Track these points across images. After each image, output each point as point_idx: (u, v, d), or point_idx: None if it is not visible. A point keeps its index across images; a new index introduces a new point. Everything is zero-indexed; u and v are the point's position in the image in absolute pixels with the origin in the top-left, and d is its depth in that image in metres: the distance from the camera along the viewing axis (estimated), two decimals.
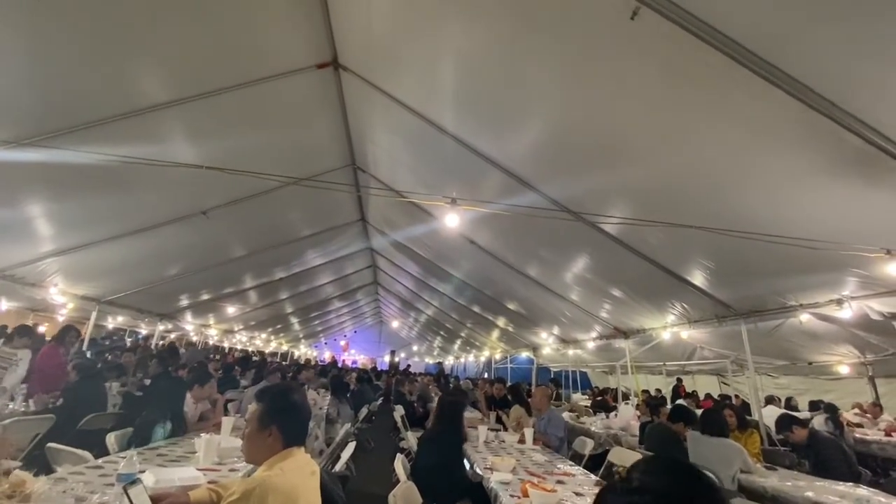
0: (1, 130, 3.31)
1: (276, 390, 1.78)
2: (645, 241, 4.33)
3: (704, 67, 2.38)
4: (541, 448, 4.24)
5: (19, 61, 2.97)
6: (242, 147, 4.62)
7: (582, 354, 10.09)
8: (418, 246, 8.24)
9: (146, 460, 2.69)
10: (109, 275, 6.72)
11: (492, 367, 15.70)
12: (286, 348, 20.75)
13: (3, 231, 4.79)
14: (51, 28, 2.82)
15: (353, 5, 3.38)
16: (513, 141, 3.96)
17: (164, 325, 10.29)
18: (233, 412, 4.74)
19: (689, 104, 2.73)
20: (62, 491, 1.92)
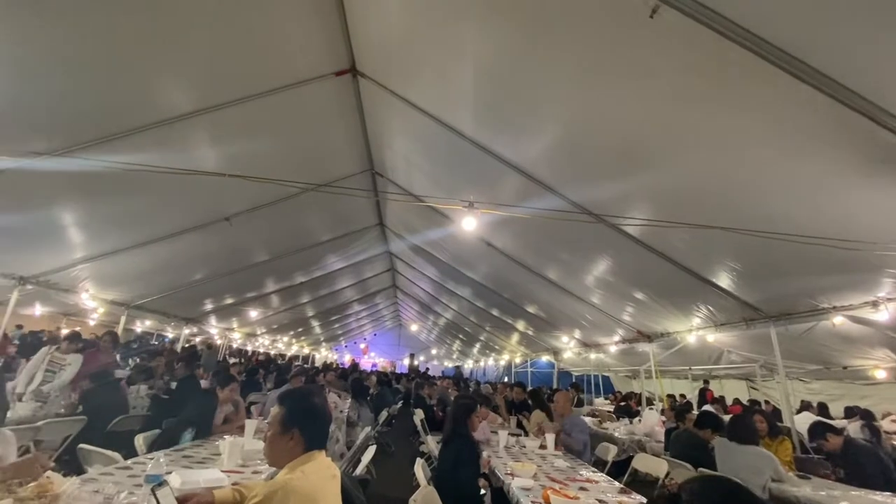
0: (36, 142, 3.46)
1: (297, 394, 1.79)
2: (668, 242, 4.23)
3: (727, 64, 2.32)
4: (563, 454, 4.17)
5: (52, 77, 3.10)
6: (264, 154, 4.72)
7: (604, 358, 9.93)
8: (436, 249, 8.26)
9: (173, 462, 2.75)
10: (137, 280, 6.95)
11: (512, 371, 15.58)
12: (307, 351, 21.03)
13: (38, 238, 5.01)
14: (83, 45, 2.94)
15: (370, 13, 3.42)
16: (531, 143, 3.94)
17: (190, 328, 10.56)
18: (256, 415, 4.82)
19: (712, 103, 2.66)
20: (93, 491, 1.97)
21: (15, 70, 2.96)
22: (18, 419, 3.87)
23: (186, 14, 2.98)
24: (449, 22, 3.07)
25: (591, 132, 3.46)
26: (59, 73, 3.09)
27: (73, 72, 3.12)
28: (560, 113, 3.45)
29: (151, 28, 2.99)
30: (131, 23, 2.91)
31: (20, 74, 3.00)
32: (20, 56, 2.89)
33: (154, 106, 3.62)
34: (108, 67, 3.18)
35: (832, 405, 7.72)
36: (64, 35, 2.84)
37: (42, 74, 3.06)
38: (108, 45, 3.01)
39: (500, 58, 3.18)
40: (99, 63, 3.12)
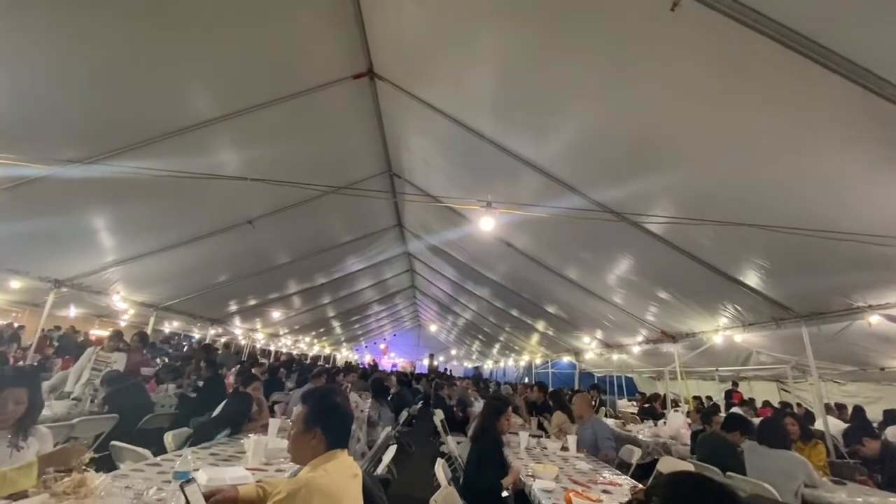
0: (69, 150, 3.61)
1: (319, 394, 1.81)
2: (693, 240, 4.12)
3: (752, 56, 2.24)
4: (585, 456, 4.11)
5: (84, 88, 3.23)
6: (284, 158, 4.81)
7: (627, 359, 9.74)
8: (454, 250, 8.25)
9: (199, 459, 2.82)
10: (165, 282, 7.17)
11: (532, 371, 15.44)
12: (329, 351, 21.32)
13: (72, 243, 5.23)
14: (112, 57, 3.05)
15: (387, 16, 3.44)
16: (550, 142, 3.90)
17: (215, 329, 10.84)
18: (279, 414, 4.90)
19: (737, 96, 2.58)
20: (125, 487, 2.04)
21: (51, 82, 3.10)
22: (54, 417, 4.04)
23: (208, 24, 3.06)
24: (465, 22, 3.07)
25: (612, 129, 3.41)
26: (89, 85, 3.22)
27: (103, 82, 3.24)
28: (580, 110, 3.41)
29: (175, 38, 3.08)
30: (157, 33, 3.00)
31: (57, 86, 3.14)
32: (56, 69, 3.02)
33: (179, 113, 3.73)
34: (136, 77, 3.29)
35: (869, 408, 7.38)
36: (94, 48, 2.96)
37: (75, 86, 3.19)
38: (136, 55, 3.11)
39: (517, 56, 3.16)
40: (127, 73, 3.23)
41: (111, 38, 2.94)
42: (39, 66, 2.97)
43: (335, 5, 3.27)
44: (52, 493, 1.70)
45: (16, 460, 2.13)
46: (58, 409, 4.34)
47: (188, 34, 3.10)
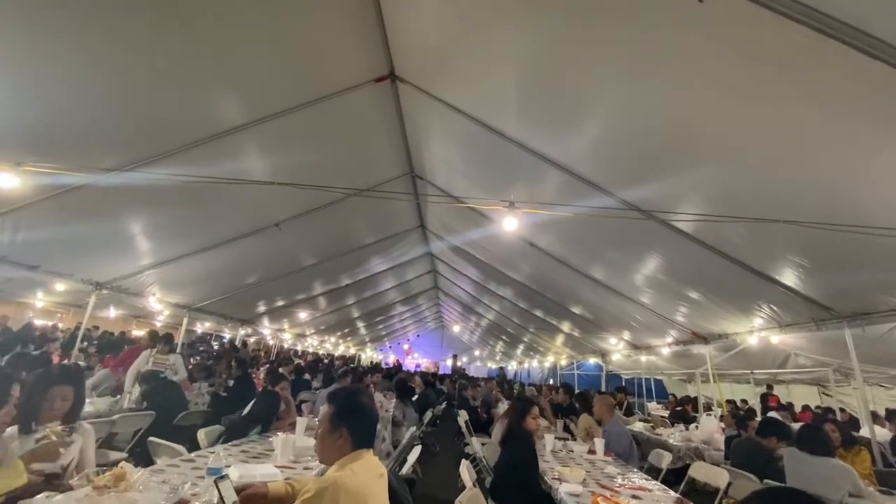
0: (107, 159, 3.78)
1: (345, 394, 1.83)
2: (724, 238, 3.98)
3: (788, 46, 2.14)
4: (613, 459, 4.03)
5: (120, 100, 3.38)
6: (309, 161, 4.91)
7: (656, 361, 9.49)
8: (477, 250, 8.23)
9: (231, 456, 2.90)
10: (197, 284, 7.43)
11: (557, 373, 15.24)
12: (353, 351, 21.62)
13: (111, 247, 5.48)
14: (146, 69, 3.18)
15: (408, 18, 3.46)
16: (574, 140, 3.84)
17: (245, 329, 11.15)
18: (306, 413, 5.00)
19: (772, 89, 2.47)
20: (161, 481, 2.12)
21: (92, 95, 3.26)
22: (96, 413, 4.23)
23: (236, 34, 3.15)
24: (487, 21, 3.05)
25: (639, 125, 3.32)
26: (126, 96, 3.38)
27: (138, 94, 3.39)
28: (605, 107, 3.34)
29: (205, 50, 3.19)
30: (187, 45, 3.11)
31: (96, 99, 3.30)
32: (96, 82, 3.17)
33: (208, 120, 3.86)
34: (169, 87, 3.42)
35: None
36: (131, 62, 3.09)
37: (113, 98, 3.35)
38: (169, 66, 3.23)
39: (540, 54, 3.12)
40: (160, 84, 3.36)
41: (147, 51, 3.06)
42: (82, 81, 3.13)
43: (357, 10, 3.31)
44: (94, 486, 1.78)
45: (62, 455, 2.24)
46: (99, 405, 4.55)
47: (217, 45, 3.20)
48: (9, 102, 3.12)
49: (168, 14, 2.85)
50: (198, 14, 2.93)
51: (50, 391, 2.23)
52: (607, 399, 5.03)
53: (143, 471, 1.98)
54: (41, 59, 2.89)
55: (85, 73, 3.09)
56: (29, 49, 2.80)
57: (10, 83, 3.00)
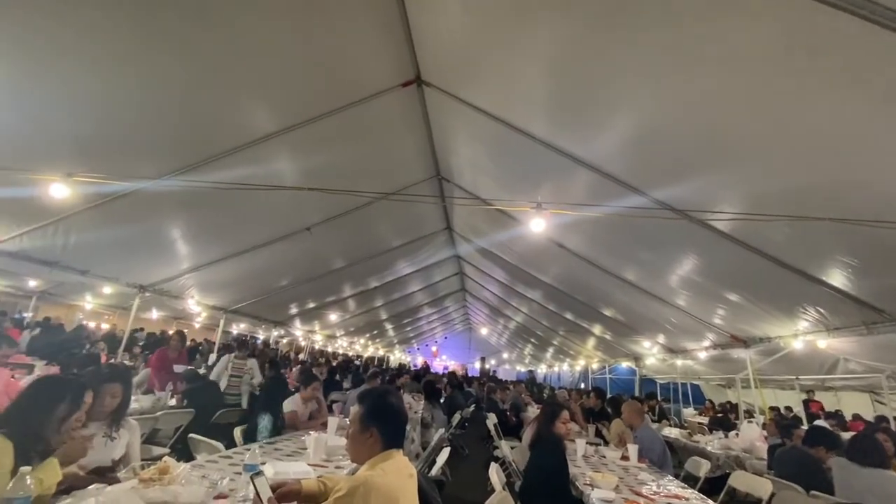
0: (148, 167, 3.99)
1: (374, 394, 1.86)
2: (765, 237, 3.80)
3: (831, 36, 2.03)
4: (647, 466, 3.91)
5: (160, 111, 3.56)
6: (338, 166, 5.01)
7: (693, 365, 9.16)
8: (504, 252, 8.18)
9: (265, 453, 2.99)
10: (233, 287, 7.70)
11: (588, 377, 14.92)
12: (382, 353, 21.86)
13: (154, 252, 5.76)
14: (184, 80, 3.34)
15: (433, 22, 3.48)
16: (604, 139, 3.76)
17: (278, 331, 11.46)
18: (337, 413, 5.09)
19: (814, 81, 2.35)
20: (201, 476, 2.20)
21: (136, 107, 3.45)
22: (140, 410, 4.44)
23: (266, 45, 3.26)
24: (512, 22, 3.03)
25: (672, 122, 3.22)
26: (166, 107, 3.56)
27: (177, 105, 3.56)
28: (636, 104, 3.25)
29: (238, 61, 3.32)
30: (222, 56, 3.25)
31: (138, 110, 3.49)
32: (138, 95, 3.35)
33: (243, 128, 4.01)
34: (204, 98, 3.58)
35: None
36: (167, 75, 3.25)
37: (153, 109, 3.53)
38: (204, 78, 3.39)
39: (567, 52, 3.08)
40: (197, 95, 3.53)
41: (185, 65, 3.22)
42: (126, 95, 3.32)
43: (384, 17, 3.36)
44: (140, 478, 1.87)
45: (110, 449, 2.37)
46: (143, 402, 4.77)
47: (250, 58, 3.32)
48: (63, 118, 3.34)
49: (204, 28, 2.99)
50: (232, 29, 3.05)
51: (101, 389, 2.36)
52: (636, 404, 4.88)
53: (184, 465, 2.06)
54: (91, 76, 3.08)
55: (129, 87, 3.27)
56: (80, 67, 2.99)
57: (65, 99, 3.21)
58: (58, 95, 3.18)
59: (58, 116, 3.33)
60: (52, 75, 3.00)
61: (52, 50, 2.84)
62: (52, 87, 3.09)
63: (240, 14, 2.96)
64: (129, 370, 2.85)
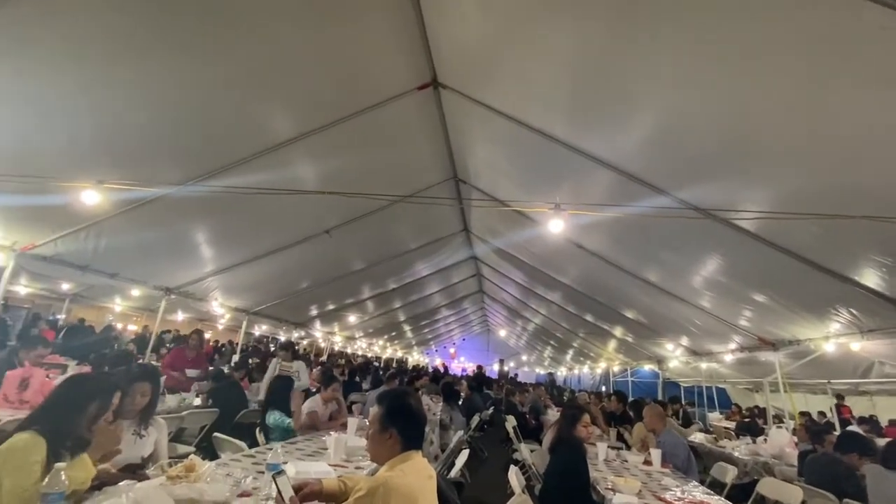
0: (174, 173, 4.12)
1: (393, 395, 1.87)
2: (794, 237, 3.67)
3: (859, 27, 1.96)
4: (671, 471, 3.82)
5: (185, 119, 3.68)
6: (356, 170, 5.07)
7: (718, 368, 8.93)
8: (522, 253, 8.13)
9: (287, 453, 3.03)
10: (255, 289, 7.86)
11: (609, 379, 14.68)
12: (400, 354, 21.96)
13: (179, 255, 5.93)
14: (209, 91, 3.44)
15: (449, 24, 3.49)
16: (624, 137, 3.70)
17: (299, 332, 11.64)
18: (356, 413, 5.13)
19: (843, 76, 2.26)
20: (226, 474, 2.25)
21: (163, 117, 3.57)
22: (167, 409, 4.56)
23: (286, 53, 3.33)
24: (530, 21, 3.02)
25: (695, 120, 3.15)
26: (190, 116, 3.67)
27: (200, 113, 3.68)
28: (658, 101, 3.19)
29: (259, 69, 3.40)
30: (243, 65, 3.33)
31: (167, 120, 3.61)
32: (165, 106, 3.46)
33: (263, 134, 4.10)
34: (226, 107, 3.69)
35: None
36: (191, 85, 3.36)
37: (179, 118, 3.65)
38: (227, 87, 3.48)
39: (586, 51, 3.04)
40: (219, 104, 3.63)
41: (207, 76, 3.32)
42: (153, 106, 3.44)
43: (401, 21, 3.38)
44: (168, 475, 1.92)
45: (140, 446, 2.44)
46: (170, 402, 4.90)
47: (270, 65, 3.39)
48: (93, 129, 3.48)
49: (226, 37, 3.07)
50: (254, 38, 3.13)
51: (131, 388, 2.44)
52: (657, 408, 4.77)
53: (209, 464, 2.11)
54: (118, 89, 3.20)
55: (156, 97, 3.39)
56: (107, 81, 3.11)
57: (94, 111, 3.34)
58: (88, 108, 3.30)
59: (89, 128, 3.47)
60: (81, 90, 3.13)
61: (80, 66, 2.96)
62: (81, 100, 3.21)
63: (261, 23, 3.03)
64: (157, 370, 2.94)
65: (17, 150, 3.44)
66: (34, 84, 3.01)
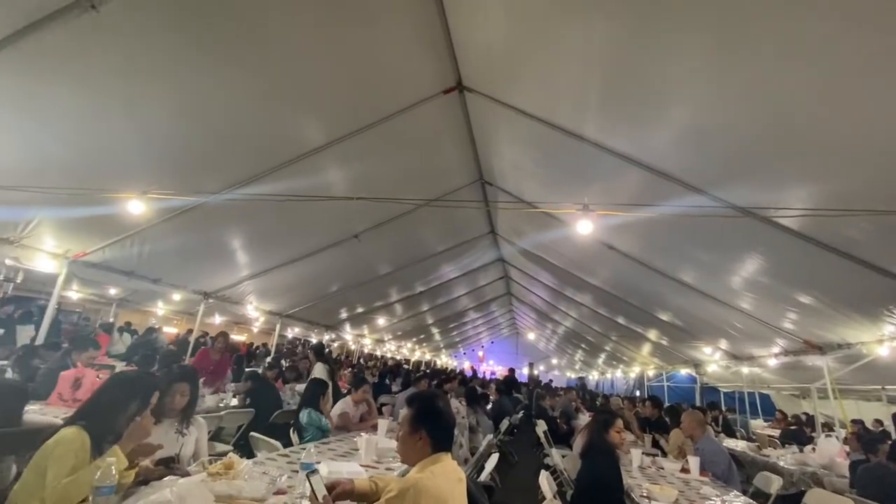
0: (212, 182, 4.29)
1: (423, 397, 1.89)
2: (843, 235, 3.46)
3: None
4: (710, 480, 3.67)
5: (223, 131, 3.84)
6: (383, 174, 5.15)
7: (761, 373, 8.51)
8: (551, 255, 8.01)
9: (320, 453, 3.10)
10: (287, 293, 8.08)
11: (644, 384, 14.25)
12: (429, 357, 22.03)
13: (216, 260, 6.17)
14: (242, 103, 3.58)
15: (473, 27, 3.50)
16: (655, 134, 3.60)
17: (330, 335, 11.88)
18: (386, 415, 5.18)
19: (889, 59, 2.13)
20: (262, 472, 2.32)
21: (202, 129, 3.74)
22: (207, 409, 4.74)
23: (316, 62, 3.43)
24: (554, 20, 2.99)
25: (731, 116, 3.02)
26: (227, 128, 3.83)
27: (236, 125, 3.83)
28: (691, 95, 3.08)
29: (292, 80, 3.53)
30: (278, 78, 3.45)
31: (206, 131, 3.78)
32: (204, 118, 3.63)
33: (295, 143, 4.23)
34: (261, 117, 3.83)
35: None
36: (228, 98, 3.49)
37: (217, 129, 3.81)
38: (261, 98, 3.62)
39: (615, 47, 2.98)
40: (254, 115, 3.78)
41: (243, 88, 3.47)
42: (193, 118, 3.61)
43: (425, 26, 3.42)
44: (209, 472, 2.00)
45: (181, 444, 2.55)
46: (209, 402, 5.09)
47: (302, 75, 3.51)
48: (138, 142, 3.69)
49: (261, 49, 3.20)
50: (284, 51, 3.25)
51: (171, 388, 2.55)
52: (697, 414, 4.59)
53: (247, 462, 2.18)
54: (161, 102, 3.38)
55: (195, 111, 3.57)
56: (150, 96, 3.29)
57: (139, 126, 3.53)
58: (133, 123, 3.50)
59: (134, 141, 3.68)
60: (127, 106, 3.33)
61: (128, 84, 3.14)
62: (127, 116, 3.41)
63: (292, 37, 3.14)
64: (196, 371, 3.07)
65: (70, 165, 3.68)
66: (86, 101, 3.21)
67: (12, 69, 2.80)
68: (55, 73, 2.94)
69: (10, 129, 3.30)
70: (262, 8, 2.92)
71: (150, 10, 2.71)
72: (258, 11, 2.93)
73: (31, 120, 3.27)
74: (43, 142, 3.46)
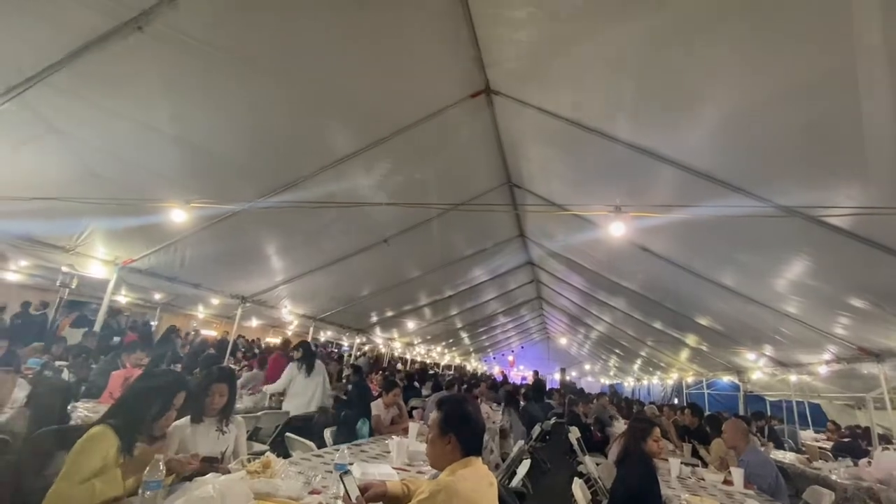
0: (248, 191, 4.47)
1: (452, 401, 1.89)
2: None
3: None
4: (755, 493, 3.49)
5: (259, 140, 3.99)
6: (411, 179, 5.20)
7: (810, 381, 8.05)
8: (582, 258, 7.85)
9: (353, 454, 3.15)
10: (320, 296, 8.28)
11: (683, 391, 13.73)
12: (458, 361, 21.99)
13: (253, 266, 6.39)
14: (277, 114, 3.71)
15: (500, 29, 3.49)
16: (690, 132, 3.47)
17: (360, 338, 12.07)
18: (416, 418, 5.21)
19: None
20: (298, 472, 2.38)
21: (239, 139, 3.90)
22: (245, 409, 4.91)
23: (347, 70, 3.50)
24: (583, 20, 2.95)
25: (772, 112, 2.88)
26: (263, 137, 3.98)
27: (271, 134, 3.98)
28: (728, 93, 2.96)
29: (324, 89, 3.61)
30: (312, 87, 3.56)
31: (243, 141, 3.94)
32: (240, 128, 3.79)
33: (326, 151, 4.35)
34: (295, 126, 3.96)
35: None
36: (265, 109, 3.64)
37: (253, 139, 3.97)
38: (295, 108, 3.73)
39: (647, 46, 2.91)
40: (288, 125, 3.91)
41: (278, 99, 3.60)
42: (228, 129, 3.77)
43: (452, 30, 3.44)
44: (248, 470, 2.07)
45: (221, 442, 2.65)
46: (248, 402, 5.27)
47: (334, 84, 3.59)
48: (182, 153, 3.89)
49: (293, 66, 3.31)
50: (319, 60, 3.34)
51: (211, 388, 2.65)
52: (740, 423, 4.36)
53: (283, 461, 2.25)
54: (201, 116, 3.56)
55: (233, 123, 3.73)
56: (191, 111, 3.47)
57: (180, 139, 3.73)
58: (176, 136, 3.70)
59: (177, 153, 3.88)
60: (170, 120, 3.52)
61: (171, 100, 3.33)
62: (170, 130, 3.60)
63: (323, 48, 3.23)
64: (233, 372, 3.18)
65: (119, 177, 3.93)
66: (133, 117, 3.42)
67: (69, 89, 3.02)
68: (105, 92, 3.14)
69: (66, 146, 3.55)
70: (293, 21, 3.01)
71: (187, 29, 2.85)
72: (289, 22, 3.02)
73: (84, 136, 3.50)
74: (94, 156, 3.71)
